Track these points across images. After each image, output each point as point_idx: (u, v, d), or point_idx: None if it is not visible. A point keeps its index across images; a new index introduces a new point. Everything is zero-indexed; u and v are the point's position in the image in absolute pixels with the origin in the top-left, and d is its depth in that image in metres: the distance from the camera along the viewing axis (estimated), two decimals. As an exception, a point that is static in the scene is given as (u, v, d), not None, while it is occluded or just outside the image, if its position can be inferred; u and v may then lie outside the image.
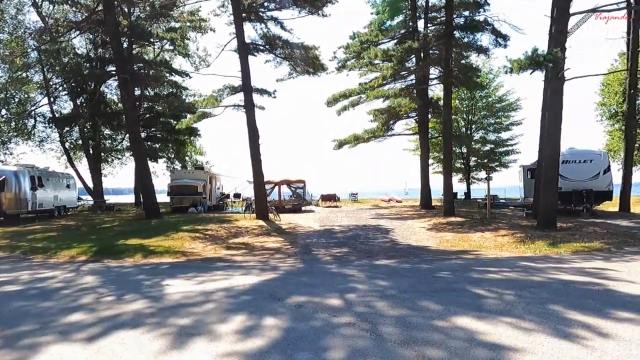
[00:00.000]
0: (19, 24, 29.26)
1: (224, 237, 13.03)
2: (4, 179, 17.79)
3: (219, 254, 10.32)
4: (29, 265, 8.97)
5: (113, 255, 10.05)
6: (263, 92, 17.99)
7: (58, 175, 22.82)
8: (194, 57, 31.88)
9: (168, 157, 34.64)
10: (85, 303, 5.67)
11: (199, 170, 25.75)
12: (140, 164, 18.76)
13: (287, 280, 6.94)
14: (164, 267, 8.66)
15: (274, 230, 14.56)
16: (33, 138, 30.13)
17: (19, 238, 13.17)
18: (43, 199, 20.11)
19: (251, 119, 17.29)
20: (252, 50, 18.05)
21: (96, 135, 27.24)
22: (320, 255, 9.90)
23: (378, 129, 27.11)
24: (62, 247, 11.11)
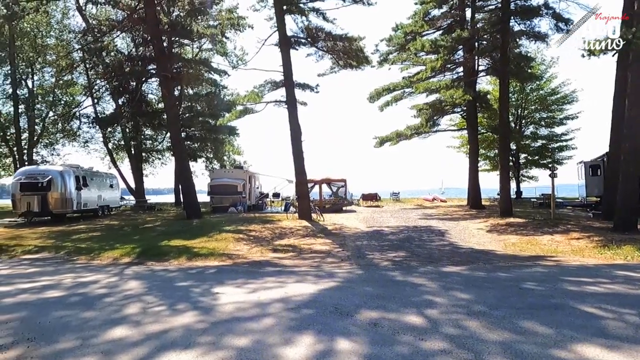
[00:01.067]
0: (64, 28, 30.13)
1: (269, 238, 12.38)
2: (51, 179, 17.96)
3: (266, 257, 9.64)
4: (72, 268, 8.60)
5: (157, 257, 9.57)
6: (305, 87, 17.30)
7: (102, 175, 23.04)
8: (231, 56, 31.81)
9: (207, 157, 34.70)
10: (130, 314, 5.05)
11: (238, 169, 25.43)
12: (181, 164, 18.50)
13: (349, 290, 6.10)
14: (210, 271, 8.03)
15: (320, 231, 13.79)
16: (78, 139, 30.90)
17: (64, 238, 13.04)
18: (87, 199, 20.25)
19: (293, 115, 16.62)
20: (294, 43, 17.36)
21: (138, 135, 27.50)
22: (377, 259, 9.01)
23: (421, 125, 25.86)
24: (106, 248, 10.78)
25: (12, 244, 11.92)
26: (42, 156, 33.68)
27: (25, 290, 6.50)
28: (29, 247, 11.46)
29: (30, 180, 18.03)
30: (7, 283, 7.08)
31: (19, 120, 30.45)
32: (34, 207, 17.69)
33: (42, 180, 17.88)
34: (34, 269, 8.53)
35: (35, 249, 11.25)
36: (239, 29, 22.92)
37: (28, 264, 9.21)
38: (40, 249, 11.17)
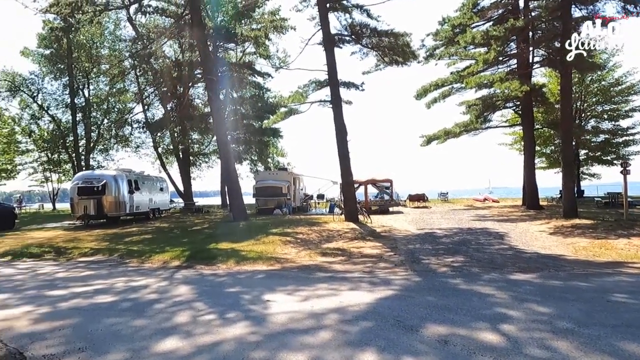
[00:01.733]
0: (116, 38, 31.51)
1: (316, 241, 12.03)
2: (105, 183, 18.63)
3: (315, 261, 9.28)
4: (124, 271, 8.64)
5: (205, 261, 9.47)
6: (350, 86, 16.86)
7: (152, 179, 23.73)
8: (274, 58, 31.96)
9: (251, 160, 35.10)
10: (180, 323, 4.83)
11: (282, 171, 25.40)
12: (227, 166, 18.60)
13: (409, 300, 5.59)
14: (259, 276, 7.78)
15: (368, 233, 13.28)
16: (130, 144, 32.19)
17: (117, 240, 13.36)
18: (139, 202, 20.88)
19: (338, 115, 16.22)
20: (338, 42, 16.98)
21: (185, 140, 28.20)
22: (433, 265, 8.40)
23: (471, 121, 24.69)
24: (156, 251, 10.86)
25: (70, 246, 12.33)
26: (98, 161, 35.46)
27: (79, 294, 6.50)
28: (85, 249, 11.79)
29: (86, 184, 18.79)
30: (63, 286, 7.16)
31: (77, 127, 32.18)
32: (90, 210, 18.42)
33: (97, 185, 18.59)
34: (88, 272, 8.65)
35: (91, 251, 11.54)
36: (281, 31, 22.83)
37: (83, 267, 9.40)
38: (95, 252, 11.45)
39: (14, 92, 33.06)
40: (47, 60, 32.02)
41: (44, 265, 9.88)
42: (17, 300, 6.24)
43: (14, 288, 7.15)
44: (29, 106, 35.08)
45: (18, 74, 32.91)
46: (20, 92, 33.24)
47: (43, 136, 35.51)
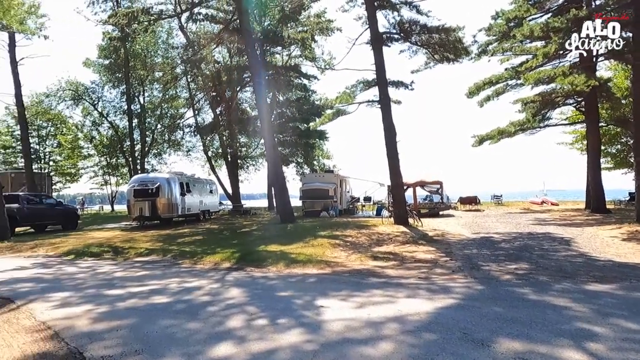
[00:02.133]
0: (169, 46, 32.80)
1: (366, 244, 11.69)
2: (159, 186, 19.28)
3: (367, 265, 8.96)
4: (177, 272, 8.75)
5: (256, 263, 9.43)
6: (399, 85, 16.39)
7: (202, 182, 24.36)
8: (319, 60, 32.00)
9: (297, 162, 35.28)
10: (234, 327, 4.71)
11: (329, 173, 25.25)
12: (275, 169, 18.68)
13: (474, 311, 5.16)
14: (310, 280, 7.58)
15: (420, 237, 12.76)
16: (182, 148, 33.35)
17: (170, 241, 13.69)
18: (190, 204, 21.46)
19: (387, 115, 15.80)
20: (386, 40, 16.58)
21: (233, 143, 28.79)
22: (495, 272, 7.82)
23: (527, 120, 23.36)
24: (207, 252, 10.97)
25: (126, 246, 12.78)
26: (152, 165, 37.08)
27: (135, 294, 6.60)
28: (140, 249, 12.16)
29: (142, 187, 19.55)
30: (120, 286, 7.32)
31: (133, 133, 33.79)
32: (145, 211, 19.13)
33: (151, 187, 19.29)
34: (144, 272, 8.84)
35: (146, 251, 11.88)
36: (327, 32, 22.76)
37: (139, 267, 9.64)
38: (150, 252, 11.77)
39: (77, 100, 35.30)
40: (106, 70, 33.90)
41: (103, 264, 10.25)
42: (78, 299, 6.42)
43: (75, 287, 7.39)
44: (90, 114, 37.32)
45: (81, 84, 35.13)
46: (82, 100, 35.43)
47: (103, 141, 37.63)
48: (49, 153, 42.01)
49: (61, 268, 9.70)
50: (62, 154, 40.89)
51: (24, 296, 6.67)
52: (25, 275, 8.64)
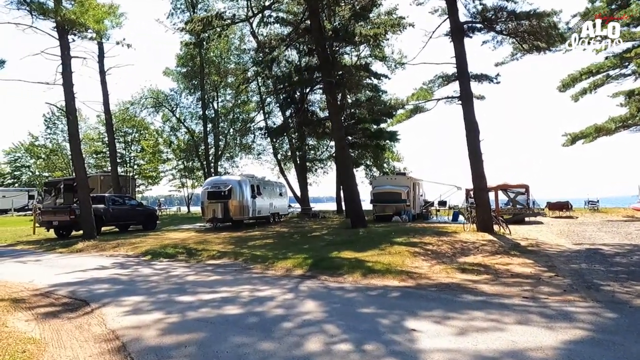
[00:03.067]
0: (241, 52, 33.61)
1: (449, 254, 10.56)
2: (231, 188, 19.45)
3: (454, 279, 7.90)
4: (248, 278, 8.33)
5: (330, 271, 8.75)
6: (482, 79, 14.98)
7: (272, 184, 24.38)
8: (389, 60, 30.96)
9: (366, 165, 34.40)
10: (313, 352, 4.04)
11: (401, 175, 24.06)
12: (346, 171, 18.02)
13: (616, 349, 4.00)
14: (393, 294, 6.73)
15: (511, 247, 11.33)
16: (252, 152, 33.96)
17: (242, 244, 13.52)
18: (261, 206, 21.47)
19: (469, 112, 14.45)
20: (467, 30, 15.21)
21: (302, 145, 28.66)
22: (621, 294, 6.41)
23: (632, 115, 20.48)
24: (279, 257, 10.52)
25: (199, 248, 12.77)
26: (225, 168, 38.27)
27: (206, 302, 6.21)
28: (212, 252, 12.05)
29: (215, 189, 19.86)
30: (191, 292, 7.01)
31: (207, 137, 35.07)
32: (217, 213, 19.37)
33: (224, 189, 19.51)
34: (215, 277, 8.54)
35: (218, 254, 11.73)
36: (399, 29, 21.67)
37: (211, 271, 9.40)
38: (222, 255, 11.59)
39: (158, 107, 37.45)
40: (184, 77, 35.60)
41: (176, 266, 10.19)
42: (149, 305, 6.16)
43: (148, 290, 7.22)
44: (169, 120, 39.46)
45: (161, 92, 37.26)
46: (162, 107, 37.53)
47: (180, 146, 39.58)
48: (134, 157, 45.21)
49: (137, 269, 9.76)
50: (144, 158, 43.77)
51: (99, 299, 6.57)
52: (104, 276, 8.73)
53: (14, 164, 56.61)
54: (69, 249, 13.83)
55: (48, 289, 7.42)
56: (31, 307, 6.19)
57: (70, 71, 15.93)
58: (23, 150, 54.92)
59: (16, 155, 56.06)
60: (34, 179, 52.98)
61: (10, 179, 56.12)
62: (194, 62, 34.04)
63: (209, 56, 34.47)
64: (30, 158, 55.18)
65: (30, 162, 55.85)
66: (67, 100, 15.82)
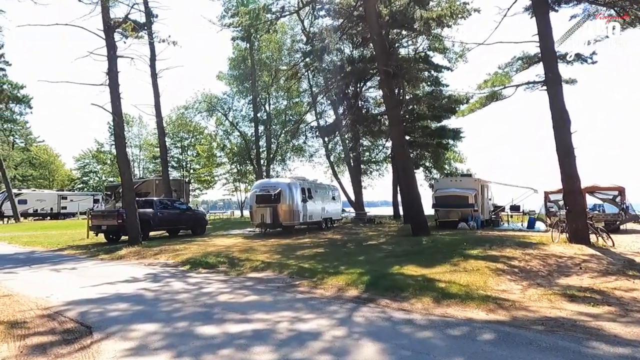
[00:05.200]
0: (294, 52, 32.64)
1: (543, 272, 8.39)
2: (280, 192, 18.20)
3: (563, 311, 5.85)
4: (291, 300, 6.79)
5: (391, 293, 7.01)
6: (573, 59, 12.47)
7: (325, 187, 22.91)
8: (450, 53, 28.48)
9: (425, 167, 31.97)
10: None
11: (467, 177, 21.59)
12: (405, 172, 16.10)
13: None
14: (485, 335, 4.85)
15: (624, 265, 8.91)
16: (304, 153, 32.80)
17: (289, 253, 12.10)
18: (312, 211, 20.05)
19: (558, 98, 12.02)
20: (552, 3, 12.80)
21: (356, 146, 26.99)
22: None
23: None
24: (330, 272, 8.92)
25: (243, 257, 11.50)
26: (277, 172, 37.49)
27: (232, 338, 4.73)
28: (256, 262, 10.71)
29: (263, 192, 18.71)
30: (219, 319, 5.58)
31: (259, 140, 34.43)
32: (266, 218, 18.19)
33: (273, 193, 18.30)
34: (252, 297, 7.08)
35: (262, 265, 10.36)
36: (463, 15, 19.39)
37: (249, 287, 7.97)
38: (266, 266, 10.20)
39: (211, 111, 37.43)
40: (235, 80, 35.26)
41: (212, 280, 8.90)
42: (160, 339, 4.79)
43: (169, 314, 5.90)
44: (222, 123, 39.41)
45: (214, 96, 37.21)
46: (215, 111, 37.48)
47: (233, 150, 39.40)
48: (190, 162, 45.88)
49: (169, 283, 8.56)
50: (199, 163, 44.22)
51: (106, 326, 5.33)
52: (129, 291, 7.59)
53: (83, 169, 60.14)
54: (111, 256, 13.15)
55: (60, 308, 6.35)
56: (25, 336, 5.05)
57: (116, 71, 15.45)
58: (91, 157, 58.15)
59: (85, 161, 59.54)
60: (100, 183, 55.83)
61: (79, 184, 59.67)
62: (245, 64, 33.59)
63: (260, 58, 33.86)
64: (97, 164, 58.39)
65: (97, 168, 59.10)
66: (113, 101, 15.34)
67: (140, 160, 54.03)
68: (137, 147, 52.53)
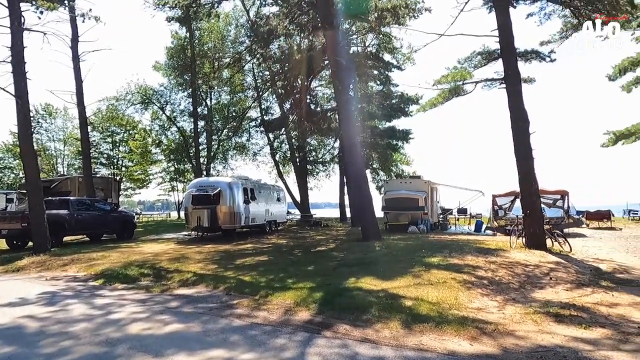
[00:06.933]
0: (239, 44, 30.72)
1: (514, 284, 7.55)
2: (220, 192, 16.45)
3: (555, 336, 4.90)
4: (225, 329, 5.27)
5: (350, 314, 5.76)
6: (532, 56, 12.04)
7: (269, 188, 21.39)
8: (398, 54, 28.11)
9: (372, 168, 31.39)
10: None
11: (417, 179, 21.02)
12: (356, 172, 15.03)
13: None
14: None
15: (593, 274, 8.35)
16: (247, 152, 31.00)
17: (228, 262, 10.52)
18: (255, 213, 18.47)
19: (516, 97, 11.51)
20: None
21: (303, 145, 25.70)
22: None
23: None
24: (274, 286, 7.51)
25: (172, 268, 9.76)
26: (218, 171, 35.26)
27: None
28: (187, 274, 9.03)
29: (200, 192, 16.86)
30: (118, 368, 3.98)
31: (198, 136, 32.08)
32: (203, 221, 16.35)
33: (211, 193, 16.51)
34: (175, 327, 5.49)
35: (194, 278, 8.70)
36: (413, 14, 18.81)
37: (174, 311, 6.35)
38: (199, 279, 8.56)
39: (146, 104, 34.39)
40: (174, 70, 32.63)
41: (128, 299, 7.14)
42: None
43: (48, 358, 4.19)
44: (158, 118, 36.45)
45: (150, 87, 34.20)
46: (151, 104, 34.50)
47: (170, 146, 36.57)
48: (122, 158, 42.15)
49: (67, 306, 6.69)
50: (132, 160, 40.71)
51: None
52: (6, 322, 5.69)
53: (-5, 165, 53.47)
54: (6, 267, 10.79)
55: None
56: None
57: (21, 46, 12.95)
58: (5, 150, 51.82)
59: (-2, 156, 52.94)
60: (16, 181, 49.87)
61: (-8, 181, 52.97)
62: (185, 55, 31.15)
63: (202, 49, 31.58)
64: (13, 159, 52.11)
65: (14, 164, 52.78)
66: (17, 82, 12.83)
67: (64, 157, 48.93)
68: (62, 141, 47.49)
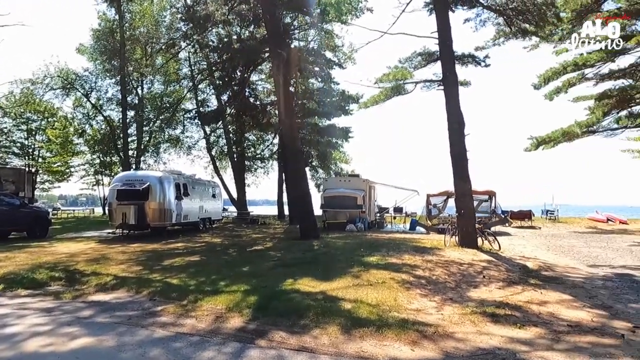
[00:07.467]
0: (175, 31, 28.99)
1: (451, 283, 7.60)
2: (149, 187, 15.30)
3: (493, 337, 4.87)
4: (145, 343, 4.65)
5: (287, 320, 5.37)
6: (468, 60, 12.41)
7: (204, 184, 20.37)
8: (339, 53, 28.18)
9: (312, 166, 31.23)
10: None
11: (355, 177, 21.12)
12: (296, 168, 14.67)
13: None
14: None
15: (522, 272, 8.67)
16: (181, 145, 29.47)
17: (154, 263, 9.67)
18: (188, 210, 17.46)
19: (453, 99, 11.80)
20: (452, 3, 12.58)
21: (241, 139, 24.85)
22: None
23: (597, 120, 19.34)
24: (205, 290, 6.92)
25: (89, 270, 8.75)
26: (149, 164, 33.17)
27: None
28: (106, 277, 8.13)
29: (127, 187, 15.57)
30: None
31: (127, 127, 29.94)
32: (129, 218, 15.12)
33: (139, 188, 15.30)
34: (84, 341, 4.76)
35: (113, 282, 7.83)
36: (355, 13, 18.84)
37: (85, 321, 5.56)
38: (119, 283, 7.71)
39: (68, 90, 31.43)
40: (100, 55, 30.15)
41: (30, 310, 6.18)
42: None
43: None
44: (82, 105, 33.56)
45: (72, 72, 31.29)
46: (74, 90, 31.61)
47: (95, 137, 33.83)
48: (39, 148, 38.32)
49: (-51, 319, 5.64)
50: (51, 150, 37.16)
51: None
52: None
53: None
54: None
55: None
56: None
57: None
58: None
59: None
60: None
61: None
62: (114, 38, 28.86)
63: (133, 33, 29.41)
64: None
65: None
66: None
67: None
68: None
